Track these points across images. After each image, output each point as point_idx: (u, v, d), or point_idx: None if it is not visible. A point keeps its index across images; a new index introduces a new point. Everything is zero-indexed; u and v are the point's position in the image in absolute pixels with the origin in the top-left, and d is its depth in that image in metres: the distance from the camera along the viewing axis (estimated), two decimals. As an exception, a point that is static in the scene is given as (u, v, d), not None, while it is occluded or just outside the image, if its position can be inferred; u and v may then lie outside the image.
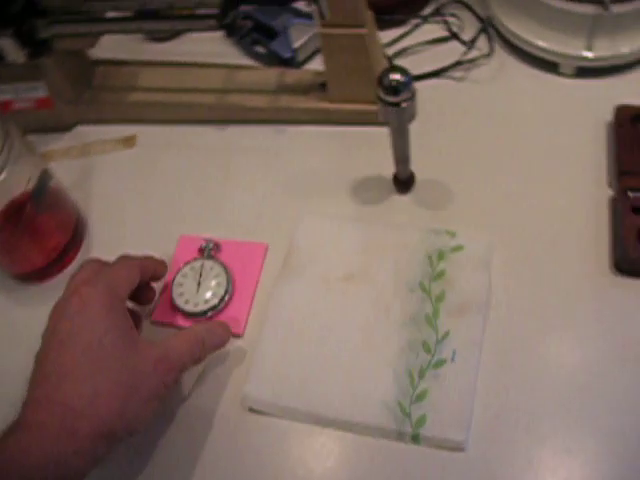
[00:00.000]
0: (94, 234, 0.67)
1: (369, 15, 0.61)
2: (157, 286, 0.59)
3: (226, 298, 0.59)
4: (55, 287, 0.52)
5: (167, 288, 0.60)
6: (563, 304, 0.55)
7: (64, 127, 0.75)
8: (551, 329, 0.54)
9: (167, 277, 0.60)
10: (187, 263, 0.61)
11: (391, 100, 0.52)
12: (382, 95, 0.52)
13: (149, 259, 0.56)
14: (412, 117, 0.54)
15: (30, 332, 0.48)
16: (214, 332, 0.53)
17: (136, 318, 0.55)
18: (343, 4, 0.58)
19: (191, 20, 0.60)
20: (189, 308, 0.59)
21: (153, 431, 0.53)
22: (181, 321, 0.59)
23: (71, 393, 0.43)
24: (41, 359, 0.46)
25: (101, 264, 0.52)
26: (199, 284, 0.60)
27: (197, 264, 0.61)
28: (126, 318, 0.48)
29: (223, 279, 0.60)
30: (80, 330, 0.45)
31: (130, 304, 0.55)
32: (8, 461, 0.40)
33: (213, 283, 0.60)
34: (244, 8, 0.63)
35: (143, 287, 0.56)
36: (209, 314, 0.59)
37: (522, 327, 0.54)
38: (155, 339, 0.49)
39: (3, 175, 0.55)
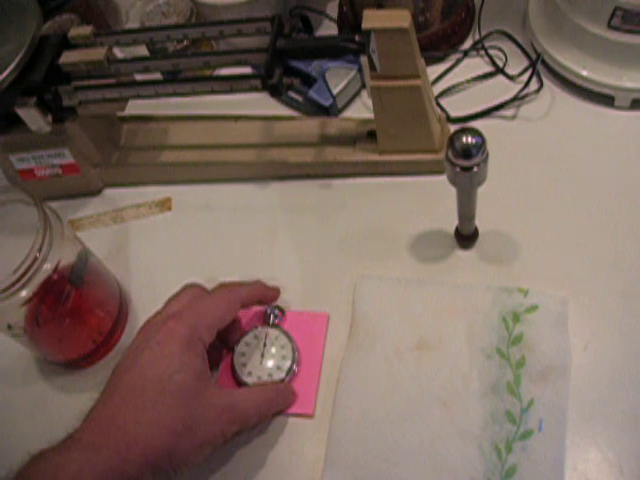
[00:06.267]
0: (138, 309, 0.62)
1: (422, 63, 0.57)
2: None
3: (294, 369, 0.55)
4: (102, 370, 0.49)
5: (229, 357, 0.57)
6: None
7: (92, 192, 0.70)
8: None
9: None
10: (250, 330, 0.57)
11: (463, 164, 0.49)
12: (453, 158, 0.49)
13: (257, 287, 0.57)
14: (483, 180, 0.51)
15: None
16: (283, 395, 0.54)
17: (217, 354, 0.57)
18: (398, 57, 0.54)
19: (232, 81, 0.55)
20: (252, 381, 0.55)
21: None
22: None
23: (131, 419, 0.45)
24: (119, 374, 0.48)
25: (199, 292, 0.53)
26: (263, 355, 0.56)
27: (261, 332, 0.57)
28: (202, 360, 0.49)
29: (289, 351, 0.56)
30: (157, 362, 0.48)
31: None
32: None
33: (278, 354, 0.56)
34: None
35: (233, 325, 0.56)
36: (272, 389, 0.55)
37: (606, 388, 0.51)
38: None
39: (46, 265, 0.51)
